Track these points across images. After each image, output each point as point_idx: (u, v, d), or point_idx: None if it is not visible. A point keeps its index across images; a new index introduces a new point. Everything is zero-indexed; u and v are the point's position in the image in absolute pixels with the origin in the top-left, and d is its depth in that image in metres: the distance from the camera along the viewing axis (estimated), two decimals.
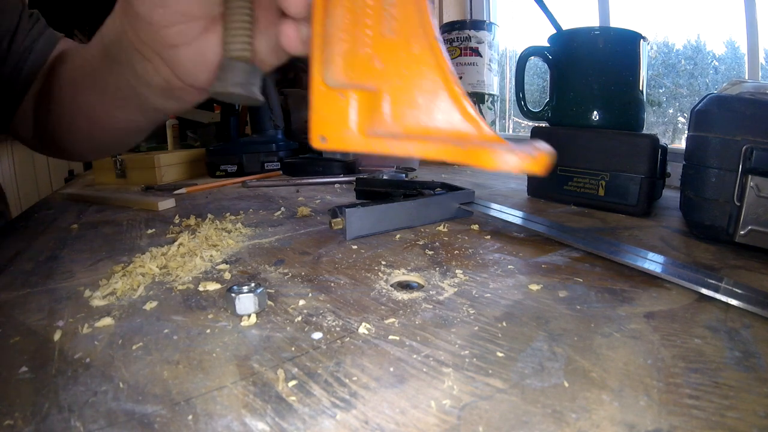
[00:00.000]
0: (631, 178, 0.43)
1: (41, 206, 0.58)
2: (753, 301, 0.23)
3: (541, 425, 0.15)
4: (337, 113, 0.23)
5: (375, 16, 0.22)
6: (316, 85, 0.23)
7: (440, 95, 0.22)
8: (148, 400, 0.17)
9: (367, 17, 0.23)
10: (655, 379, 0.17)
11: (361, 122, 0.23)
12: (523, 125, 1.02)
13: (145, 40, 0.28)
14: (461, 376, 0.18)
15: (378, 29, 0.22)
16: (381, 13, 0.22)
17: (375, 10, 0.22)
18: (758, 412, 0.15)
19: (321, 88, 0.23)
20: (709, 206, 0.35)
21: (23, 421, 0.16)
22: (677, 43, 1.08)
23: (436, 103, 0.22)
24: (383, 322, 0.22)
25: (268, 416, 0.16)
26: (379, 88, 0.23)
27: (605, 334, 0.21)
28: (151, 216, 0.47)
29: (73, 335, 0.21)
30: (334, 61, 0.23)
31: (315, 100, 0.23)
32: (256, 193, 0.59)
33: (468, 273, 0.29)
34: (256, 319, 0.23)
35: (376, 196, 0.45)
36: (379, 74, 0.23)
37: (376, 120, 0.23)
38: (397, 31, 0.22)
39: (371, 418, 0.15)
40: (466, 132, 0.22)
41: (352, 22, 0.23)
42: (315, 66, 0.23)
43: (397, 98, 0.23)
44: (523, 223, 0.40)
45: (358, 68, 0.23)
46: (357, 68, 0.23)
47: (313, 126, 0.23)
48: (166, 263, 0.30)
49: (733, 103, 0.34)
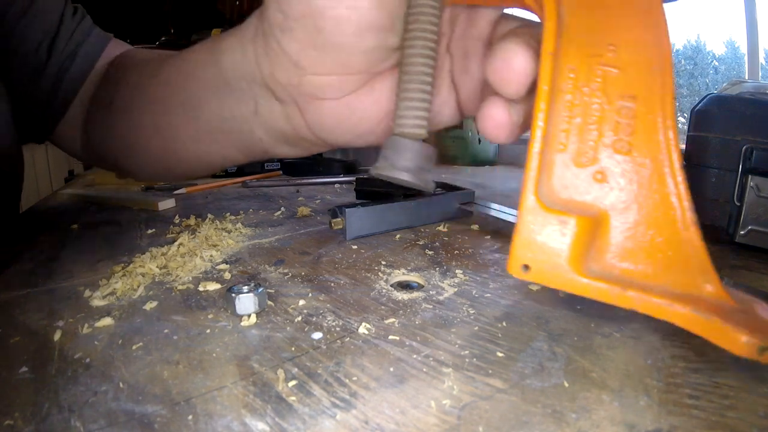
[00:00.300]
0: None
1: (41, 206, 0.58)
2: None
3: (541, 425, 0.15)
4: (550, 240, 0.18)
5: (613, 112, 0.18)
6: (525, 196, 0.18)
7: (677, 234, 0.17)
8: (148, 400, 0.17)
9: (602, 113, 0.18)
10: (655, 379, 0.17)
11: (575, 254, 0.18)
12: None
13: (284, 82, 0.23)
14: (461, 376, 0.18)
15: (614, 130, 0.18)
16: (616, 110, 0.18)
17: (611, 109, 0.18)
18: (758, 412, 0.15)
19: (533, 204, 0.18)
20: (709, 206, 0.35)
21: (23, 421, 0.16)
22: (677, 43, 1.08)
23: (668, 243, 0.18)
24: (383, 322, 0.22)
25: (268, 416, 0.16)
26: (605, 212, 0.18)
27: (605, 334, 0.21)
28: (151, 216, 0.47)
29: (73, 335, 0.21)
30: (552, 171, 0.19)
31: (523, 219, 0.18)
32: (256, 193, 0.59)
33: (468, 273, 0.29)
34: (256, 319, 0.23)
35: (376, 196, 0.45)
36: (605, 195, 0.18)
37: (594, 254, 0.18)
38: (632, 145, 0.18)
39: (371, 418, 0.15)
40: (693, 287, 0.18)
41: (584, 115, 0.18)
42: (528, 170, 0.19)
43: (622, 229, 0.18)
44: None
45: (582, 184, 0.19)
46: (580, 184, 0.19)
47: (515, 250, 0.18)
48: (166, 263, 0.30)
49: (733, 103, 0.34)
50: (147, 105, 0.32)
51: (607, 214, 0.18)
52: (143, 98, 0.33)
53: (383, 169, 0.21)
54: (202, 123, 0.29)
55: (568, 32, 0.18)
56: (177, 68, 0.31)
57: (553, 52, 0.18)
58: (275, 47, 0.22)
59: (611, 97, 0.18)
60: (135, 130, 0.34)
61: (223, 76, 0.26)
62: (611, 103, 0.18)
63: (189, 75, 0.29)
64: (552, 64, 0.18)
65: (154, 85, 0.32)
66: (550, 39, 0.18)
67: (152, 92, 0.32)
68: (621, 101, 0.18)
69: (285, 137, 0.27)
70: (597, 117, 0.18)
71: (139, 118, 0.33)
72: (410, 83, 0.20)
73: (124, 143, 0.36)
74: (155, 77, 0.32)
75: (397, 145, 0.20)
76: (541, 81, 0.18)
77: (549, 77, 0.18)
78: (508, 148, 0.93)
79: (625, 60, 0.18)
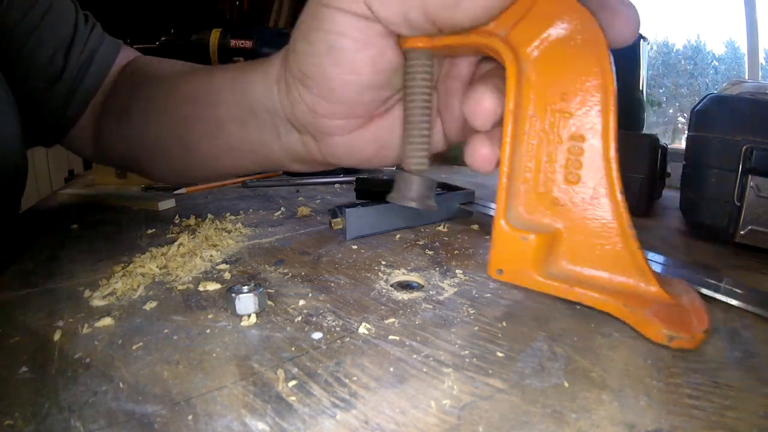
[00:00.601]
0: (631, 178, 0.43)
1: (41, 206, 0.58)
2: (753, 301, 0.24)
3: (541, 425, 0.15)
4: (516, 251, 0.22)
5: (565, 150, 0.22)
6: (498, 219, 0.23)
7: (617, 244, 0.22)
8: (148, 400, 0.17)
9: (557, 154, 0.22)
10: (655, 379, 0.17)
11: (537, 261, 0.22)
12: None
13: (303, 121, 0.27)
14: (461, 376, 0.18)
15: (565, 166, 0.22)
16: (567, 149, 0.22)
17: (564, 148, 0.22)
18: (758, 412, 0.15)
19: (503, 226, 0.22)
20: (709, 206, 0.35)
21: (23, 421, 0.16)
22: (677, 43, 1.08)
23: (610, 251, 0.22)
24: (383, 322, 0.22)
25: (268, 416, 0.16)
26: (559, 229, 0.23)
27: (605, 334, 0.21)
28: (151, 216, 0.47)
29: (73, 335, 0.21)
30: (518, 198, 0.23)
31: (496, 236, 0.23)
32: (256, 193, 0.59)
33: (468, 273, 0.29)
34: (256, 319, 0.23)
35: (376, 196, 0.45)
36: (561, 214, 0.23)
37: (551, 260, 0.23)
38: (583, 172, 0.22)
39: (371, 418, 0.15)
40: (633, 286, 0.22)
41: (540, 158, 0.23)
42: (499, 199, 0.23)
43: (573, 241, 0.23)
44: None
45: (543, 207, 0.23)
46: (541, 207, 0.23)
47: (492, 258, 0.23)
48: (166, 263, 0.30)
49: (733, 103, 0.35)
50: (167, 120, 0.34)
51: (561, 230, 0.23)
52: (161, 113, 0.35)
53: (395, 199, 0.26)
54: (223, 141, 0.32)
55: (528, 82, 0.22)
56: (196, 89, 0.33)
57: (513, 109, 0.22)
58: (295, 95, 0.26)
59: (564, 137, 0.22)
60: (155, 140, 0.36)
61: (249, 105, 0.30)
62: (564, 142, 0.22)
63: (211, 97, 0.32)
64: (512, 118, 0.22)
65: (172, 102, 0.34)
66: (510, 97, 0.22)
67: (171, 109, 0.34)
68: (572, 141, 0.22)
69: (300, 158, 0.31)
70: (552, 155, 0.23)
71: (158, 130, 0.35)
72: (413, 129, 0.25)
73: (144, 152, 0.38)
74: (171, 94, 0.34)
75: (406, 179, 0.26)
76: (504, 132, 0.22)
77: (509, 130, 0.22)
78: None
79: (575, 106, 0.22)
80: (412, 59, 0.24)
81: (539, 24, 0.21)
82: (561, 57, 0.21)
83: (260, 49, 0.78)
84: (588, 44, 0.21)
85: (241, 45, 0.78)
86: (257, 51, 0.78)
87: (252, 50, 0.78)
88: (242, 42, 0.78)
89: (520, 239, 0.22)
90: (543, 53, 0.22)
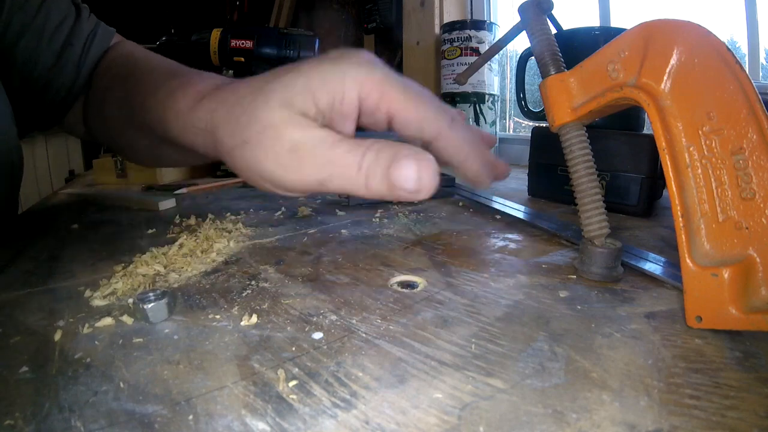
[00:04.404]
0: (631, 178, 0.43)
1: (42, 206, 0.58)
2: None
3: (542, 425, 0.15)
4: (711, 291, 0.21)
5: (731, 167, 0.21)
6: (684, 261, 0.22)
7: None
8: (148, 400, 0.17)
9: (724, 176, 0.21)
10: (655, 380, 0.17)
11: (736, 297, 0.20)
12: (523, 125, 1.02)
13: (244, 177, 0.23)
14: (462, 376, 0.18)
15: (737, 184, 0.21)
16: (733, 165, 0.21)
17: (728, 166, 0.21)
18: (759, 412, 0.15)
19: (691, 267, 0.21)
20: None
21: (24, 420, 0.16)
22: None
23: None
24: (384, 321, 0.22)
25: (268, 416, 0.16)
26: (751, 255, 0.21)
27: (606, 334, 0.21)
28: (151, 216, 0.47)
29: (73, 335, 0.21)
30: (699, 235, 0.22)
31: (686, 280, 0.21)
32: (257, 193, 0.59)
33: (468, 273, 0.29)
34: (257, 318, 0.23)
35: None
36: (748, 238, 0.21)
37: (751, 291, 0.21)
38: (755, 183, 0.21)
39: (372, 418, 0.15)
40: None
41: (709, 185, 0.22)
42: (681, 243, 0.22)
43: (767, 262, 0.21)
44: (525, 218, 0.40)
45: (727, 236, 0.21)
46: (726, 236, 0.21)
47: (687, 305, 0.21)
48: (167, 263, 0.30)
49: None
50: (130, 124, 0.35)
51: (753, 256, 0.21)
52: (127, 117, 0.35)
53: (582, 273, 0.28)
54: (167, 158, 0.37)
55: (672, 115, 0.22)
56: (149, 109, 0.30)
57: (666, 147, 0.22)
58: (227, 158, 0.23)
59: (725, 155, 0.21)
60: (125, 134, 0.37)
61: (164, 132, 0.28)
62: (726, 160, 0.21)
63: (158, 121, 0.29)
64: (669, 156, 0.22)
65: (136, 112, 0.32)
66: (659, 135, 0.22)
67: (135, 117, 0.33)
68: (734, 156, 0.21)
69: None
70: (721, 177, 0.22)
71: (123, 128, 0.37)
72: (585, 197, 0.27)
73: (119, 142, 0.41)
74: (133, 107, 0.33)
75: (590, 252, 0.27)
76: (666, 174, 0.22)
77: (670, 169, 0.22)
78: (508, 148, 0.93)
79: (723, 119, 0.21)
80: (564, 134, 0.27)
81: (661, 60, 0.22)
82: (691, 80, 0.22)
83: (260, 49, 0.78)
84: (709, 57, 0.21)
85: (241, 45, 0.78)
86: (257, 51, 0.78)
87: (252, 50, 0.78)
88: (242, 42, 0.78)
89: (711, 277, 0.21)
90: (674, 83, 0.22)
